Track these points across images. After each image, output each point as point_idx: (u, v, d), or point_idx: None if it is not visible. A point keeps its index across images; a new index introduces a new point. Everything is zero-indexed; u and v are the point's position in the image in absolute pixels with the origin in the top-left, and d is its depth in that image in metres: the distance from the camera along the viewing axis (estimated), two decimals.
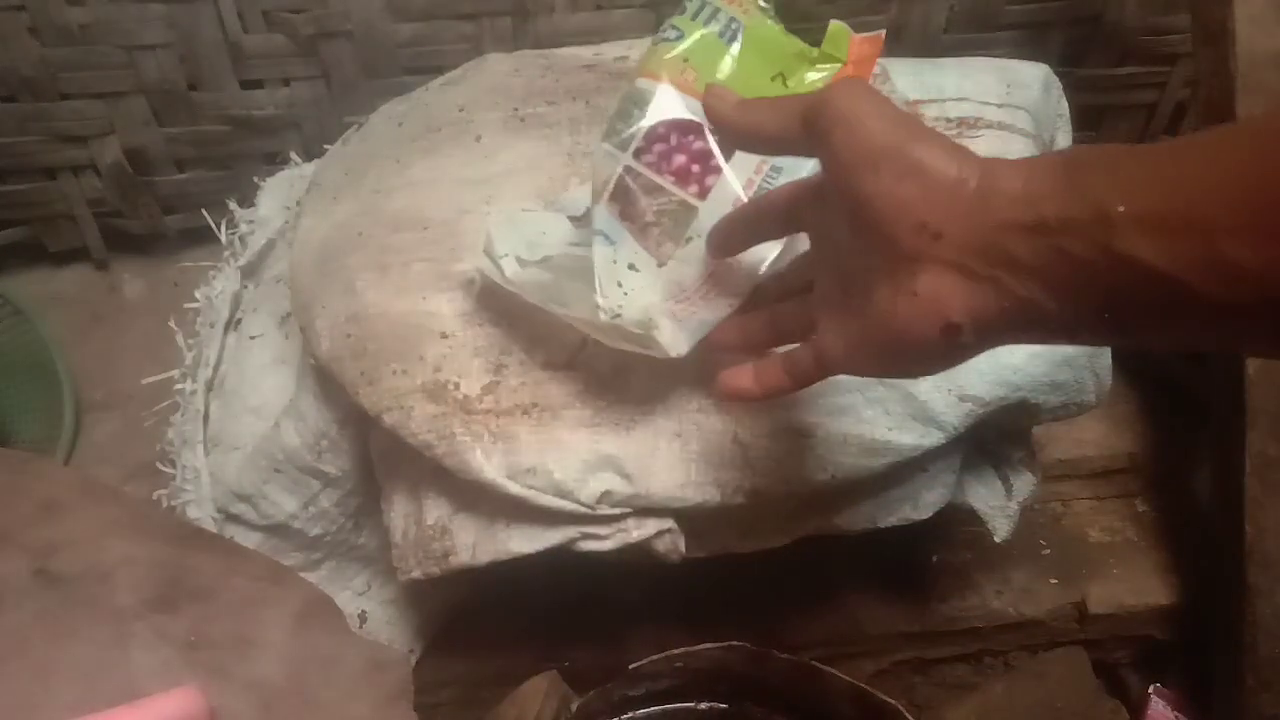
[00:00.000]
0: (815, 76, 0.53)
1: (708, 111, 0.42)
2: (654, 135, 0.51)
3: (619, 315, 0.47)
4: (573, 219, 0.54)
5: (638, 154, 0.50)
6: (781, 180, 0.51)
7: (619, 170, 0.50)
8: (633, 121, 0.51)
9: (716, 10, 0.53)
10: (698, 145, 0.51)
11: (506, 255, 0.50)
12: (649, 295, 0.49)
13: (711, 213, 0.50)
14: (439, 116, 0.63)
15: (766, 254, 0.50)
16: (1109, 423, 0.77)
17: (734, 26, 0.53)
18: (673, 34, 0.53)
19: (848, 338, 0.39)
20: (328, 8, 0.77)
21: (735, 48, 0.53)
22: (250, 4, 0.77)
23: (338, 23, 0.78)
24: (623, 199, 0.50)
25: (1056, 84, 0.67)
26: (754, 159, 0.52)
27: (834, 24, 0.54)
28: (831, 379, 0.51)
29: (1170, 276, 0.28)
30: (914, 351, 0.35)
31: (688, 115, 0.51)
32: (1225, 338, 0.31)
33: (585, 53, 0.67)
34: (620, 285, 0.48)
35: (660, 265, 0.50)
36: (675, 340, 0.47)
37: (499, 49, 0.74)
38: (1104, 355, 0.55)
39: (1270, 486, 0.64)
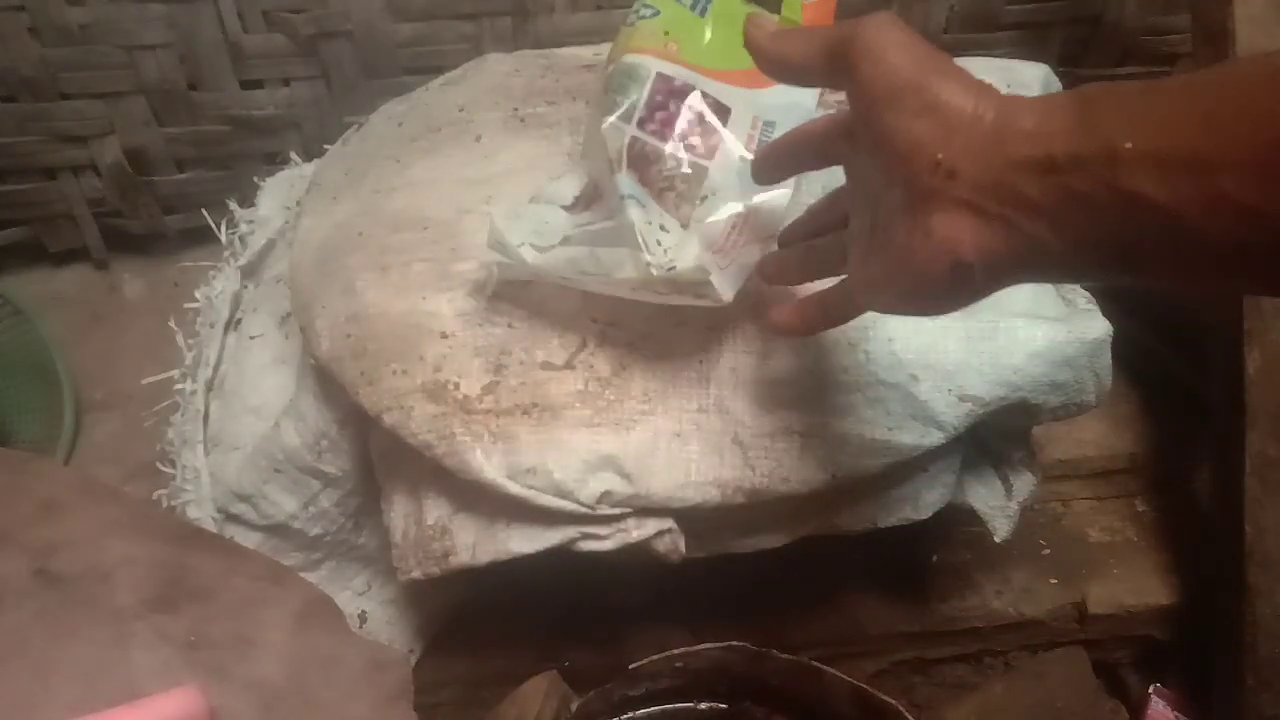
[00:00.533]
0: None
1: (747, 38, 0.42)
2: (654, 105, 0.52)
3: (673, 267, 0.48)
4: (565, 208, 0.54)
5: (641, 124, 0.52)
6: (776, 134, 0.53)
7: (626, 141, 0.51)
8: (630, 94, 0.52)
9: None
10: (696, 109, 0.53)
11: (523, 244, 0.50)
12: (689, 249, 0.49)
13: (720, 170, 0.52)
14: (439, 116, 0.63)
15: (783, 198, 0.51)
16: (1109, 423, 0.77)
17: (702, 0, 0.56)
18: (648, 11, 0.55)
19: (870, 275, 0.39)
20: (328, 8, 0.77)
21: (707, 19, 0.56)
22: (250, 4, 0.77)
23: (338, 23, 0.78)
24: (637, 167, 0.51)
25: (1056, 84, 0.67)
26: (749, 116, 0.54)
27: None
28: (831, 377, 0.52)
29: (1173, 212, 0.28)
30: (927, 290, 0.35)
31: (681, 83, 0.53)
32: (1230, 277, 0.31)
33: (585, 53, 0.67)
34: (660, 243, 0.49)
35: (684, 227, 0.51)
36: (724, 287, 0.48)
37: (499, 49, 0.74)
38: (1104, 355, 0.55)
39: (1270, 486, 0.64)
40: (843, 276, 0.45)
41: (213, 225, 0.74)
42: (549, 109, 0.63)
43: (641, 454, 0.51)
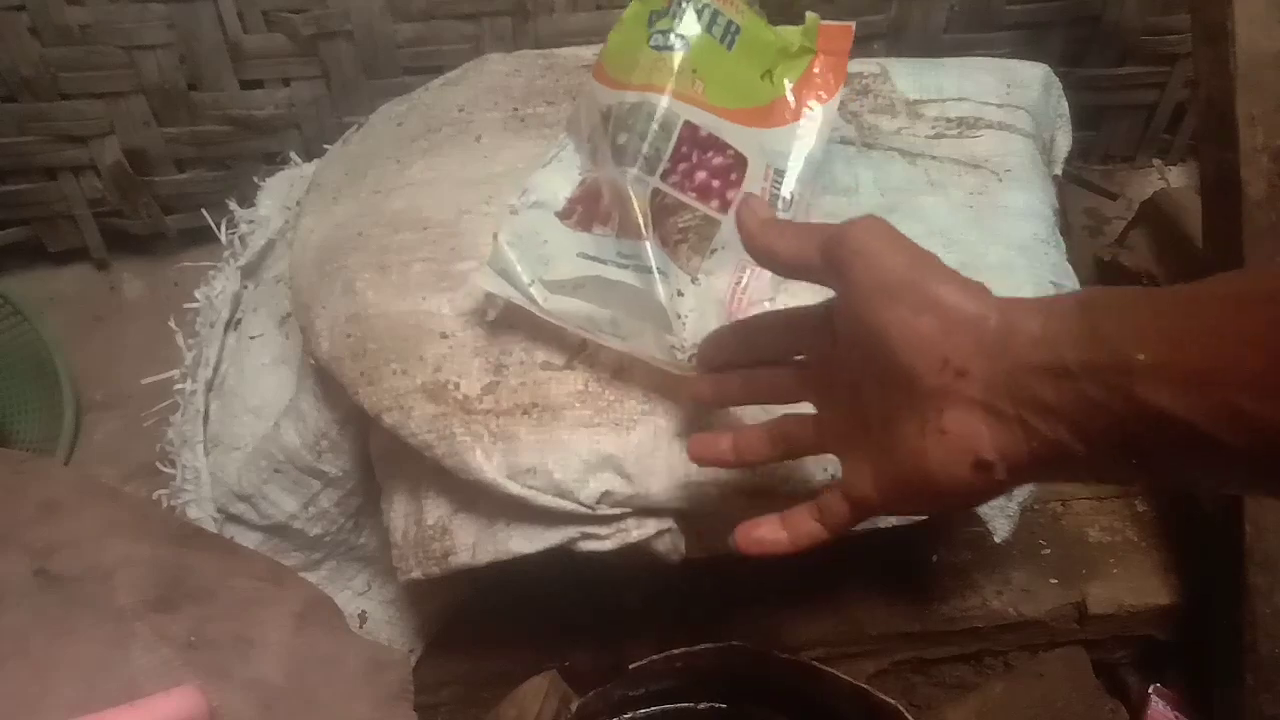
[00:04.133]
0: (795, 67, 0.56)
1: (739, 220, 0.42)
2: (678, 155, 0.52)
3: (693, 357, 0.48)
4: (559, 215, 0.53)
5: (664, 175, 0.52)
6: (784, 184, 0.54)
7: (649, 194, 0.51)
8: (653, 141, 0.51)
9: (715, 14, 0.54)
10: (717, 161, 0.53)
11: (534, 282, 0.50)
12: (702, 321, 0.50)
13: (731, 224, 0.51)
14: (439, 116, 0.63)
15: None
16: None
17: (732, 30, 0.54)
18: (678, 43, 0.53)
19: (878, 479, 0.38)
20: (328, 8, 0.78)
21: (733, 51, 0.54)
22: (250, 4, 0.77)
23: (338, 23, 0.79)
24: (658, 222, 0.51)
25: (1056, 84, 0.67)
26: (763, 165, 0.54)
27: (809, 15, 0.56)
28: None
29: (1191, 425, 0.28)
30: (948, 490, 0.35)
31: (705, 131, 0.53)
32: (1250, 482, 0.31)
33: (585, 53, 0.67)
34: (680, 317, 0.49)
35: (693, 281, 0.51)
36: None
37: (499, 49, 0.74)
38: None
39: None
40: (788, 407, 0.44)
41: (213, 225, 0.74)
42: (549, 109, 0.63)
43: (642, 454, 0.51)
